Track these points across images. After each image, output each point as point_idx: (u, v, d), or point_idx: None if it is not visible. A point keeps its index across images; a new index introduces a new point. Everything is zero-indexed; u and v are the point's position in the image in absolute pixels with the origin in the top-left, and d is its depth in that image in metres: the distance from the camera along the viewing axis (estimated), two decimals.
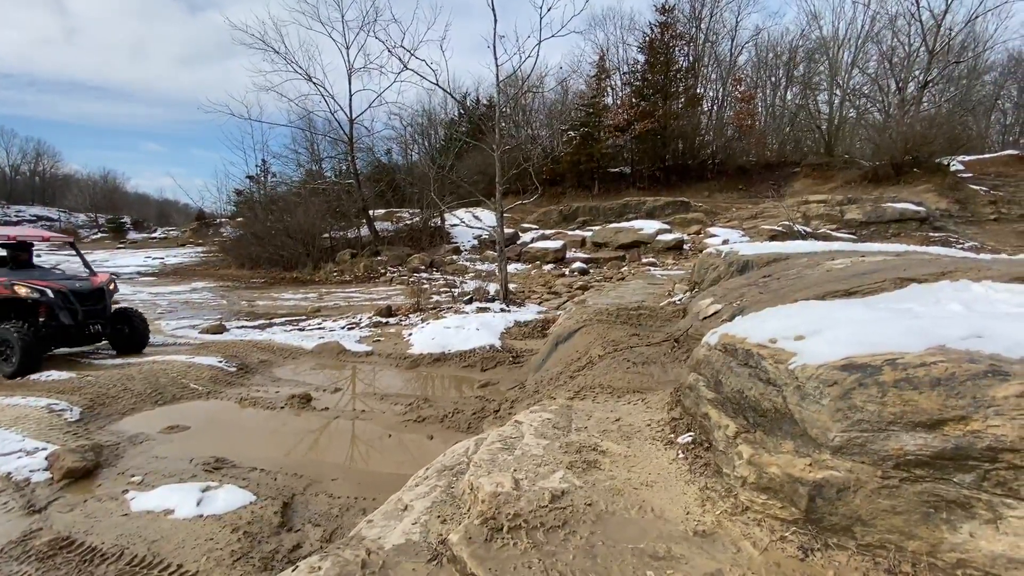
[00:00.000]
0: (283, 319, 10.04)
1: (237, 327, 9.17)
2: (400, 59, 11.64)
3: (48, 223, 43.22)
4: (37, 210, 49.34)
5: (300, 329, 8.97)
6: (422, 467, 2.56)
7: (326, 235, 19.73)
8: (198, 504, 3.14)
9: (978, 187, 16.91)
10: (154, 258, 25.45)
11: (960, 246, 13.47)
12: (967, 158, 18.38)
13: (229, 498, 3.22)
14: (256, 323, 9.68)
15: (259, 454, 4.13)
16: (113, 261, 23.67)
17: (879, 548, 1.56)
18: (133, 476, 3.64)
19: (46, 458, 3.75)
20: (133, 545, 2.79)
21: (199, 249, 28.07)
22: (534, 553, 1.70)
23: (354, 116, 19.48)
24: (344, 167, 22.82)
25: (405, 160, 28.04)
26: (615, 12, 36.80)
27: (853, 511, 1.59)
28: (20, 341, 5.85)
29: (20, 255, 7.02)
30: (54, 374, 5.81)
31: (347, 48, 18.85)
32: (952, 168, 17.73)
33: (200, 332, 8.66)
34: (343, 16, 18.56)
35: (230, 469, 3.78)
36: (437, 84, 11.27)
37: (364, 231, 20.33)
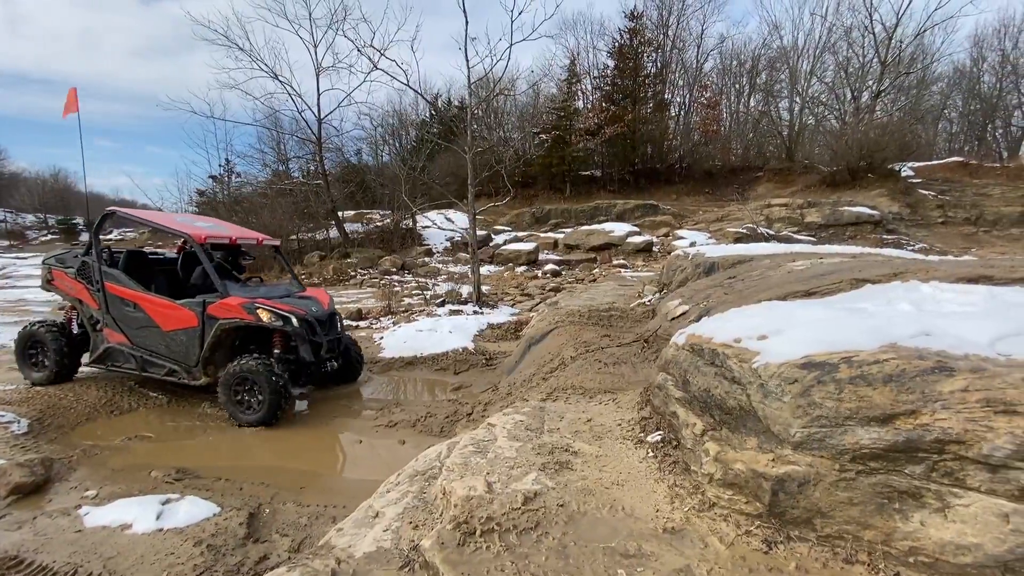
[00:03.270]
0: None
1: None
2: (370, 59, 11.46)
3: None
4: None
5: None
6: (394, 473, 2.53)
7: (294, 237, 19.28)
8: (158, 517, 3.02)
9: (927, 192, 17.83)
10: None
11: (911, 248, 14.17)
12: (917, 164, 19.36)
13: (191, 510, 3.11)
14: None
15: (224, 464, 4.00)
16: None
17: (838, 539, 1.62)
18: (87, 490, 3.47)
19: None
20: (87, 563, 2.67)
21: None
22: (507, 556, 1.70)
23: (323, 116, 19.13)
24: (312, 167, 22.35)
25: (376, 161, 27.69)
26: (585, 17, 37.34)
27: (813, 504, 1.66)
28: (270, 384, 4.57)
29: (237, 262, 5.82)
30: None
31: (315, 46, 18.51)
32: (903, 174, 18.65)
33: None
34: (311, 14, 18.10)
35: (193, 480, 3.65)
36: (408, 85, 11.19)
37: (333, 233, 19.96)
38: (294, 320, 4.88)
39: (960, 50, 26.15)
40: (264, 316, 4.79)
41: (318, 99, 18.88)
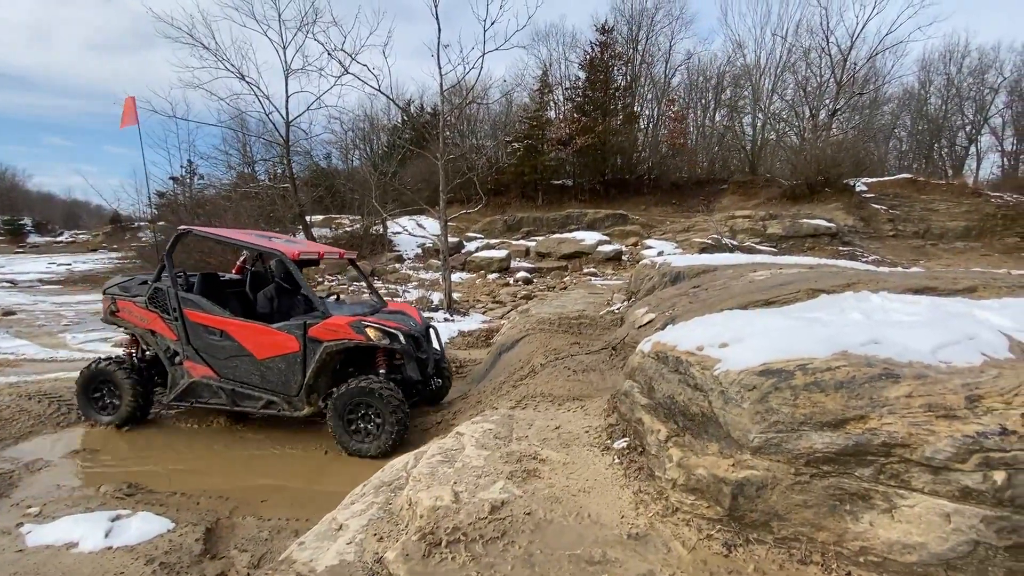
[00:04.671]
0: None
1: None
2: (341, 63, 11.34)
3: None
4: None
5: None
6: (359, 484, 2.48)
7: None
8: (107, 535, 2.87)
9: (879, 206, 18.76)
10: (60, 264, 23.17)
11: (864, 259, 14.85)
12: (870, 180, 20.34)
13: (143, 527, 2.97)
14: None
15: (181, 477, 3.84)
16: (10, 267, 21.30)
17: (793, 540, 1.68)
18: (30, 507, 3.27)
19: None
20: None
21: (113, 255, 25.85)
22: (472, 566, 1.69)
23: (291, 118, 18.72)
24: (279, 170, 21.86)
25: (346, 165, 27.29)
26: (558, 29, 37.89)
27: (771, 507, 1.71)
28: (391, 407, 4.19)
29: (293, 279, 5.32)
30: None
31: (284, 48, 18.12)
32: (857, 189, 19.57)
33: (112, 345, 7.97)
34: (280, 15, 17.73)
35: (145, 495, 3.49)
36: (379, 90, 11.11)
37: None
38: (401, 337, 4.54)
39: (909, 73, 27.76)
40: (373, 335, 4.40)
41: (286, 101, 18.50)
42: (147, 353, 5.07)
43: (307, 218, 19.85)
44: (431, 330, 5.23)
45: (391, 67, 23.12)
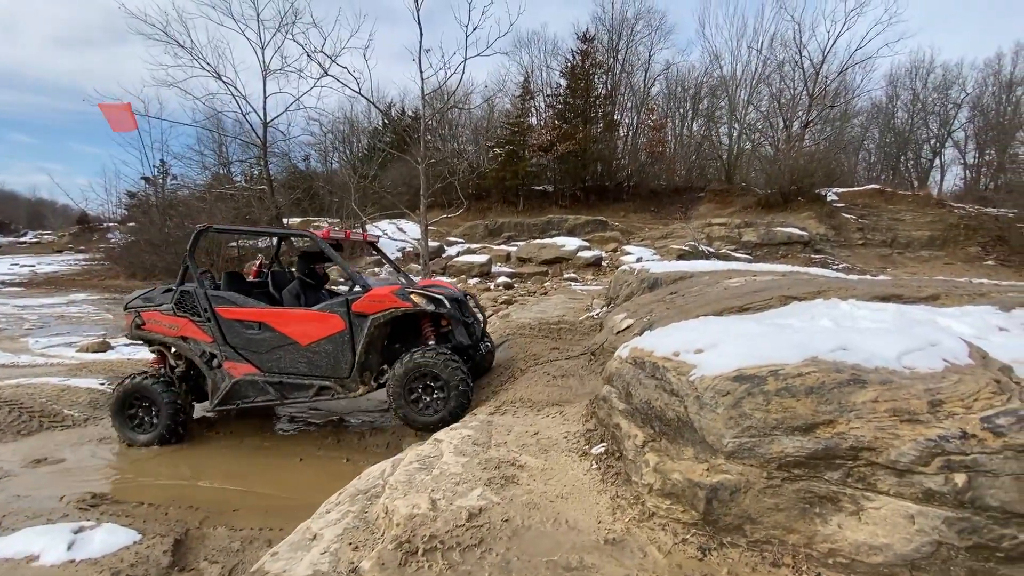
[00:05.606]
0: None
1: (125, 344, 8.24)
2: (320, 65, 11.22)
3: None
4: None
5: None
6: (335, 492, 2.44)
7: (233, 243, 18.37)
8: (69, 547, 2.76)
9: (849, 215, 19.33)
10: (22, 265, 22.31)
11: (835, 267, 15.28)
12: (840, 190, 20.95)
13: (108, 539, 2.86)
14: None
15: (148, 487, 3.72)
16: None
17: (765, 543, 1.71)
18: None
19: None
20: None
21: (80, 256, 25.02)
22: (449, 574, 1.67)
23: (269, 119, 18.45)
24: (256, 172, 21.47)
25: (325, 167, 26.97)
26: (540, 36, 37.96)
27: (744, 511, 1.74)
28: (454, 374, 4.05)
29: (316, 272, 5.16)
30: None
31: (262, 48, 17.88)
32: (828, 198, 20.15)
33: (78, 351, 7.69)
34: (259, 15, 17.48)
35: (111, 506, 3.37)
36: (359, 93, 11.03)
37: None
38: (446, 301, 4.38)
39: (877, 88, 28.70)
40: (418, 300, 4.26)
41: (264, 102, 18.22)
42: (177, 369, 4.79)
43: (284, 220, 19.54)
44: (470, 298, 5.15)
45: (372, 70, 22.91)
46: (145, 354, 7.47)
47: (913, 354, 1.83)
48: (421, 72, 10.10)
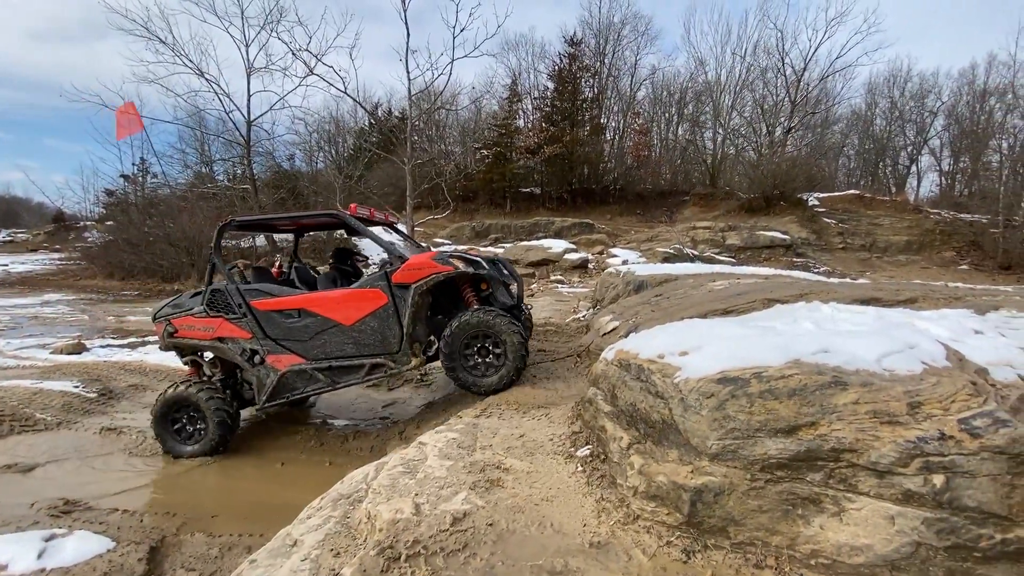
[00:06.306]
0: None
1: (101, 346, 8.05)
2: (306, 64, 11.10)
3: None
4: None
5: None
6: (317, 496, 2.40)
7: (233, 242, 18.04)
8: (40, 556, 2.67)
9: (830, 220, 19.70)
10: None
11: (816, 270, 15.55)
12: (821, 195, 21.36)
13: (81, 547, 2.78)
14: (126, 341, 8.56)
15: (123, 493, 3.62)
16: None
17: (749, 545, 1.72)
18: None
19: None
20: None
21: (55, 256, 24.39)
22: None
23: (253, 118, 18.19)
24: (239, 171, 21.15)
25: (309, 167, 26.65)
26: (527, 39, 38.21)
27: (727, 513, 1.75)
28: (511, 332, 3.95)
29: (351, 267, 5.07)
30: None
31: (247, 46, 17.62)
32: (810, 203, 20.51)
33: (52, 352, 7.48)
34: (243, 12, 17.20)
35: (84, 512, 3.27)
36: (345, 92, 10.94)
37: (261, 240, 18.90)
38: (484, 263, 4.28)
39: (857, 95, 29.41)
40: (458, 263, 4.16)
41: (248, 100, 17.96)
42: (215, 377, 4.66)
43: None
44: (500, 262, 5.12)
45: (358, 69, 22.74)
46: (121, 356, 7.30)
47: (892, 356, 1.86)
48: (408, 72, 10.06)
